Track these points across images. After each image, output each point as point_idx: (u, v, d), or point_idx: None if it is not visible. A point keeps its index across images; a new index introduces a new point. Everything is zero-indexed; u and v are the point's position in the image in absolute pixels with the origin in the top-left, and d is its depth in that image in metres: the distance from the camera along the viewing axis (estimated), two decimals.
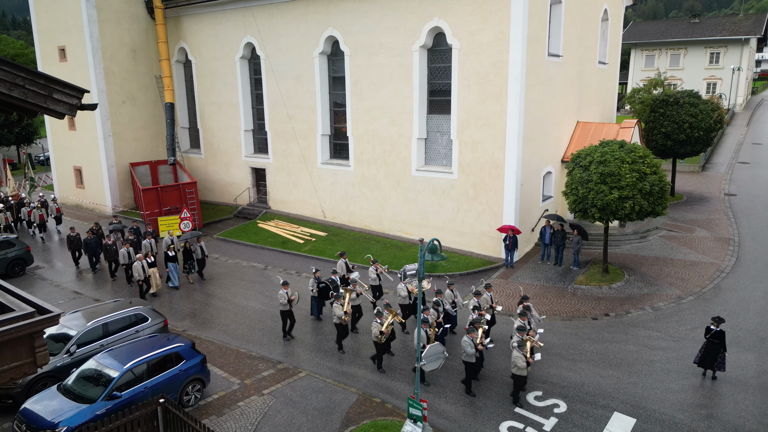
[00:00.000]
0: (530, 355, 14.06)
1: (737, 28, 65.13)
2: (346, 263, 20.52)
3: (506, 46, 22.82)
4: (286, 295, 17.53)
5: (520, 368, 13.96)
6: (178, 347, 14.11)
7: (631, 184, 19.91)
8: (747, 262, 23.52)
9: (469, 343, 14.33)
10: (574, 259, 23.35)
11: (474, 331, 14.68)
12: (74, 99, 7.96)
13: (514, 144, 23.36)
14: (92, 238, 24.29)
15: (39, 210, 29.37)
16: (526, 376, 14.20)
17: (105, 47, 31.99)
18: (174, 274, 22.41)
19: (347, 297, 17.03)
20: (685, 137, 30.73)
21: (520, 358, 13.89)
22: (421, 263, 11.31)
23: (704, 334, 15.50)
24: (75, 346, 14.67)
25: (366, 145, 27.84)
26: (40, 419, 11.88)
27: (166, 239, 23.39)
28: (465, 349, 14.36)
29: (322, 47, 28.20)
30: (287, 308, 17.67)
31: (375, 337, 15.59)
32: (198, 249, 23.11)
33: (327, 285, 18.93)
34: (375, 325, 15.52)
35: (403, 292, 18.12)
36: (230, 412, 14.13)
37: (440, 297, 17.12)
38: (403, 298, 18.15)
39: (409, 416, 11.59)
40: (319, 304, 19.33)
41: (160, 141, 34.94)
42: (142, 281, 21.14)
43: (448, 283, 18.05)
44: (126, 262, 22.44)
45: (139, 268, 20.99)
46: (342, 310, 16.62)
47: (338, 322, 16.78)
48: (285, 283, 17.85)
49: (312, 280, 19.06)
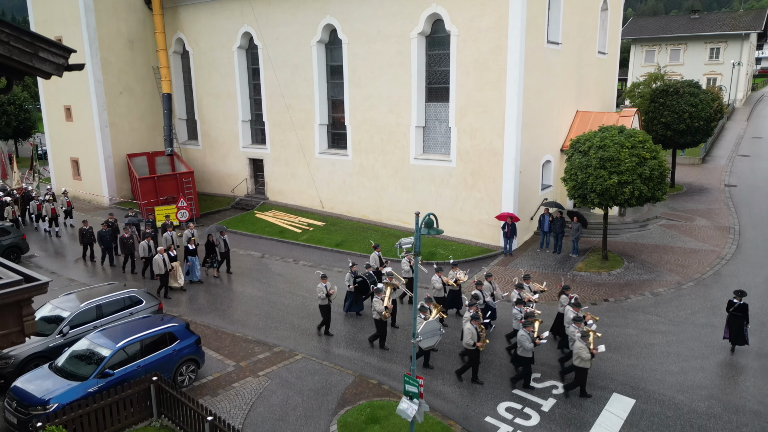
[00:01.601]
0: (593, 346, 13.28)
1: (737, 23, 64.96)
2: (379, 256, 19.62)
3: (505, 32, 22.65)
4: (324, 288, 16.53)
5: (584, 360, 13.19)
6: (172, 327, 13.95)
7: (631, 168, 19.74)
8: (748, 249, 23.35)
9: (527, 337, 13.57)
10: (573, 246, 23.18)
11: (530, 324, 13.87)
12: (61, 59, 7.79)
13: (513, 131, 23.19)
14: (107, 230, 23.14)
15: (51, 203, 28.11)
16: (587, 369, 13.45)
17: (102, 37, 31.82)
18: (195, 268, 21.46)
19: (387, 291, 16.16)
20: (685, 127, 30.56)
21: (584, 349, 13.12)
22: (417, 237, 11.12)
23: (726, 308, 15.60)
24: (68, 326, 14.50)
25: (364, 134, 27.67)
26: (31, 396, 11.72)
27: (186, 232, 22.38)
28: (522, 343, 13.60)
29: (320, 36, 28.03)
30: (326, 303, 16.68)
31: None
32: (222, 242, 22.14)
33: (365, 279, 17.65)
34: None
35: (437, 284, 17.41)
36: (225, 392, 13.97)
37: (480, 289, 16.25)
38: (438, 291, 17.39)
39: (405, 393, 11.40)
40: (357, 299, 18.22)
41: (158, 132, 34.77)
42: (161, 275, 19.94)
43: (486, 274, 17.29)
44: (146, 256, 21.40)
45: (160, 262, 19.75)
46: (382, 305, 15.62)
47: (378, 317, 15.76)
48: (323, 276, 16.82)
49: (348, 274, 18.05)
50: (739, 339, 15.39)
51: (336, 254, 24.71)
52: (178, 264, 20.87)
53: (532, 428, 12.70)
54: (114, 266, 23.46)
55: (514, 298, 16.04)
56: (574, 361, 13.46)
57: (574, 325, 14.05)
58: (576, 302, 15.08)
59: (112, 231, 23.49)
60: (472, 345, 13.92)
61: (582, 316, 14.32)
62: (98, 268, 23.43)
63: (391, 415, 12.82)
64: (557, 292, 16.86)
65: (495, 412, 13.30)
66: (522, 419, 13.01)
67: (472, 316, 14.15)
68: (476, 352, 14.13)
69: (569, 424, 12.81)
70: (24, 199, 30.67)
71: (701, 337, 16.53)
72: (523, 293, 16.09)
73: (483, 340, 14.02)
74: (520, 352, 13.87)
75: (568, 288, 16.13)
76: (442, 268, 18.10)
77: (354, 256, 24.31)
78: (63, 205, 29.12)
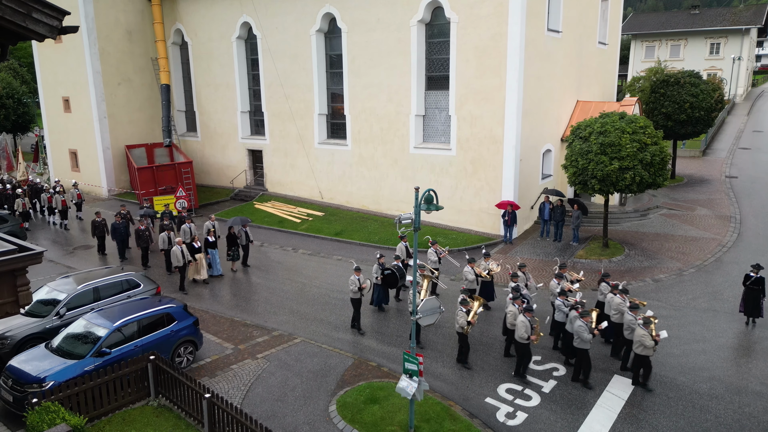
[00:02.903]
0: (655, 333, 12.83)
1: (737, 18, 64.80)
2: (406, 247, 18.88)
3: (505, 18, 22.54)
4: (357, 281, 15.89)
5: (647, 347, 12.72)
6: (170, 308, 13.84)
7: (632, 154, 19.62)
8: (749, 237, 23.25)
9: (586, 328, 12.91)
10: (574, 234, 23.08)
11: (588, 314, 13.25)
12: (55, 20, 7.69)
13: (513, 119, 23.07)
14: (121, 222, 22.30)
15: (62, 195, 27.43)
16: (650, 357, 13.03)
17: (100, 28, 31.69)
18: (215, 261, 20.71)
19: (425, 284, 15.71)
20: (685, 117, 30.43)
21: (647, 336, 12.69)
22: (416, 213, 11.01)
23: (743, 282, 15.94)
24: (65, 308, 14.38)
25: (363, 124, 27.55)
26: (27, 375, 11.60)
27: (207, 224, 21.52)
28: (581, 334, 12.94)
29: (319, 24, 27.90)
30: (358, 296, 16.05)
31: (460, 328, 13.93)
32: (243, 235, 21.39)
33: (393, 272, 16.83)
34: (460, 314, 13.89)
35: (470, 276, 16.76)
36: (223, 374, 13.86)
37: (516, 281, 15.37)
38: (471, 282, 16.77)
39: (405, 371, 11.30)
40: (384, 292, 17.62)
41: (156, 124, 34.65)
42: (179, 267, 19.19)
43: (520, 264, 16.35)
44: (166, 248, 20.57)
45: (178, 253, 19.02)
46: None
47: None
48: (357, 268, 16.11)
49: (376, 266, 17.26)
50: (755, 312, 15.69)
51: (335, 243, 24.61)
52: (201, 256, 20.00)
53: (533, 409, 12.59)
54: (127, 259, 22.55)
55: (556, 289, 15.25)
56: (636, 349, 12.91)
57: (631, 313, 13.55)
58: (623, 289, 14.65)
59: (126, 222, 22.78)
60: (526, 339, 13.21)
61: (638, 304, 13.82)
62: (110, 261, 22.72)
63: (391, 396, 12.72)
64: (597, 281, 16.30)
65: (495, 393, 13.19)
66: (522, 400, 12.90)
67: (525, 308, 13.48)
68: (528, 345, 13.42)
69: (570, 405, 12.71)
70: (32, 192, 29.86)
71: (702, 322, 16.43)
72: (563, 283, 15.40)
73: (537, 333, 13.37)
74: (578, 344, 13.12)
75: (608, 275, 15.66)
76: (474, 259, 17.45)
77: (353, 245, 24.28)
78: (73, 197, 28.40)
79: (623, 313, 14.08)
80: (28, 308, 14.39)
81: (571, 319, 13.79)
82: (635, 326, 13.21)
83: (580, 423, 12.07)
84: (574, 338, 13.28)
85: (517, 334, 13.40)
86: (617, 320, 14.30)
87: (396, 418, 12.00)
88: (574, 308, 13.73)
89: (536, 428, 11.92)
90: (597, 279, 16.34)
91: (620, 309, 14.29)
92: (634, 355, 13.21)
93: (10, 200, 28.46)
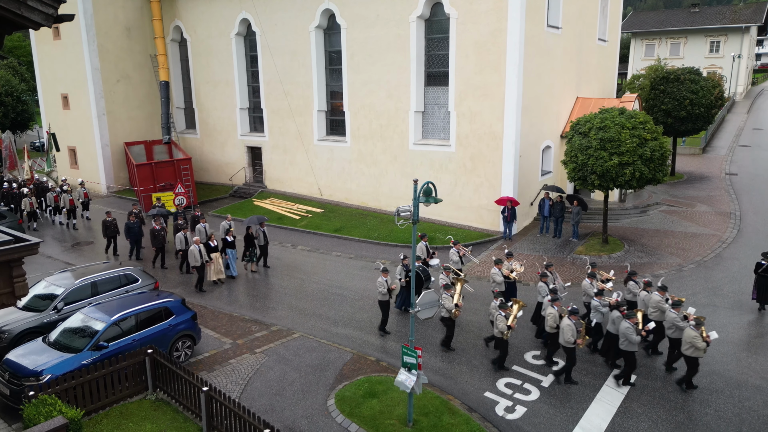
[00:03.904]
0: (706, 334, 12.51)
1: (737, 16, 64.74)
2: (426, 246, 18.38)
3: (504, 14, 22.48)
4: (385, 283, 15.22)
5: (698, 349, 12.40)
6: (168, 302, 13.79)
7: (632, 149, 19.56)
8: (749, 233, 23.20)
9: (633, 329, 12.49)
10: (574, 230, 23.02)
11: (634, 315, 12.80)
12: (50, 8, 7.61)
13: (512, 114, 23.01)
14: (135, 222, 21.60)
15: (69, 194, 26.62)
16: None
17: (99, 24, 31.61)
18: (232, 262, 20.07)
19: (458, 287, 14.83)
20: (685, 114, 30.39)
21: (698, 338, 12.35)
22: (415, 205, 10.96)
23: (754, 270, 16.50)
24: (62, 303, 14.32)
25: (363, 120, 27.49)
26: (24, 368, 11.54)
27: (223, 224, 20.81)
28: (628, 336, 12.47)
29: (318, 21, 27.84)
30: (386, 298, 15.40)
31: (500, 333, 13.40)
32: (261, 235, 20.70)
33: (418, 273, 16.17)
34: (500, 319, 13.30)
35: (498, 278, 16.01)
36: (221, 368, 13.81)
37: (545, 281, 15.04)
38: (499, 284, 15.98)
39: (404, 364, 11.24)
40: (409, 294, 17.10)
41: (155, 121, 34.58)
42: (197, 267, 18.63)
43: (546, 264, 15.94)
44: (182, 249, 20.05)
45: (196, 253, 18.43)
46: (452, 302, 14.28)
47: (447, 315, 14.37)
48: (384, 270, 15.48)
49: (400, 267, 16.73)
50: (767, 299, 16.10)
51: (334, 239, 24.57)
52: (218, 256, 19.31)
53: (532, 403, 12.54)
54: (141, 260, 21.85)
55: (590, 289, 14.82)
56: (686, 351, 12.54)
57: (674, 311, 13.20)
58: (662, 286, 14.27)
59: (140, 222, 22.10)
60: (572, 342, 12.73)
61: (680, 301, 13.48)
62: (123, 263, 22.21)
63: (390, 390, 12.68)
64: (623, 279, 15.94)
65: (494, 387, 13.15)
66: (522, 394, 12.86)
67: (570, 310, 12.94)
68: (574, 349, 12.93)
69: (569, 399, 12.66)
70: (38, 191, 28.94)
71: None
72: (596, 283, 14.97)
73: (583, 337, 12.98)
74: (625, 346, 12.64)
75: (635, 273, 15.40)
76: (501, 260, 16.52)
77: (353, 241, 24.23)
78: (80, 196, 27.52)
79: (663, 311, 13.76)
80: (26, 302, 14.39)
81: (613, 320, 13.36)
82: (679, 324, 12.95)
83: (579, 417, 12.02)
84: (620, 340, 12.80)
85: (563, 338, 12.89)
86: (657, 318, 13.88)
87: (395, 411, 11.96)
88: (617, 309, 13.30)
89: (535, 422, 11.88)
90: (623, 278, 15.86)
91: (660, 307, 13.93)
92: (684, 357, 12.79)
93: (17, 199, 27.68)
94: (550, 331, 13.63)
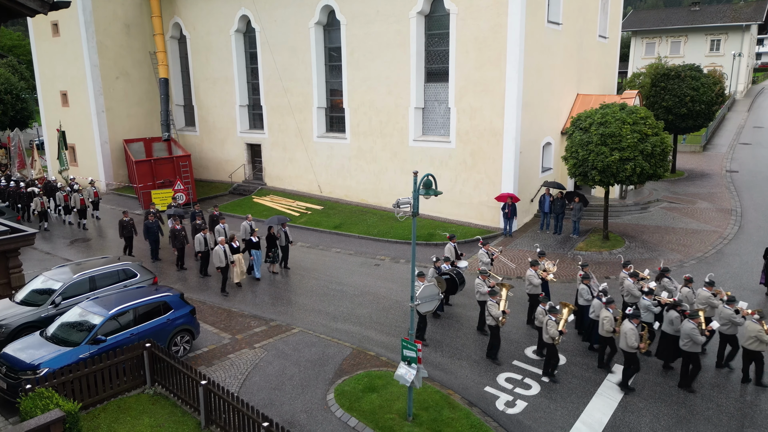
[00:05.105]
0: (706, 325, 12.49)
1: (738, 15, 64.63)
2: (455, 247, 17.80)
3: (505, 9, 22.39)
4: None
5: (762, 342, 12.30)
6: (166, 296, 13.71)
7: (632, 145, 19.48)
8: (750, 230, 23.13)
9: (698, 330, 12.22)
10: (574, 227, 22.94)
11: (697, 315, 12.45)
12: None
13: (513, 110, 22.92)
14: (154, 221, 21.11)
15: (80, 194, 26.17)
16: None
17: (98, 21, 31.53)
18: (257, 263, 19.51)
19: (504, 293, 14.13)
20: (686, 111, 30.30)
21: (762, 332, 12.29)
22: (414, 197, 10.88)
23: (763, 256, 17.15)
24: (60, 297, 14.21)
25: (362, 117, 27.40)
26: (21, 362, 11.46)
27: (244, 224, 20.33)
28: (694, 337, 12.19)
29: (318, 17, 27.75)
30: None
31: (550, 339, 12.83)
32: (282, 235, 20.10)
33: (453, 277, 15.62)
34: (551, 324, 12.75)
35: (535, 280, 15.33)
36: (220, 363, 13.73)
37: (587, 283, 14.53)
38: (536, 287, 15.35)
39: (403, 358, 11.16)
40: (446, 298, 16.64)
41: (155, 118, 34.50)
42: (222, 268, 18.08)
43: (582, 264, 15.38)
44: (202, 249, 19.39)
45: (221, 253, 17.87)
46: (498, 309, 13.57)
47: (493, 324, 13.65)
48: (420, 274, 14.68)
49: (431, 270, 16.19)
50: None
51: (334, 236, 24.49)
52: (240, 257, 18.73)
53: (533, 397, 12.46)
54: (161, 260, 21.43)
55: (636, 290, 14.49)
56: (750, 345, 12.45)
57: (729, 307, 12.96)
58: (710, 281, 14.13)
59: (158, 222, 21.61)
60: (636, 347, 12.30)
61: (734, 297, 13.34)
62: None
63: (389, 384, 12.60)
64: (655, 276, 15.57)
65: (495, 382, 13.07)
66: (522, 389, 12.78)
67: (632, 314, 12.48)
68: (636, 354, 12.50)
69: (570, 394, 12.58)
70: (47, 191, 28.32)
71: None
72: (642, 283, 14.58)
73: (645, 341, 12.52)
74: (689, 347, 12.34)
75: (668, 270, 15.09)
76: (536, 261, 15.83)
77: (352, 238, 24.16)
78: (90, 195, 26.99)
79: (714, 307, 13.58)
80: (24, 297, 14.28)
81: (672, 320, 13.05)
82: (736, 320, 12.81)
83: (580, 411, 11.94)
84: (681, 341, 12.51)
85: (625, 342, 12.38)
86: (707, 315, 13.54)
87: (394, 406, 11.88)
88: (674, 309, 13.02)
89: (536, 416, 11.80)
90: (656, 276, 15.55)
91: (710, 303, 13.73)
92: (743, 351, 12.68)
93: (24, 199, 27.27)
94: (606, 335, 13.13)
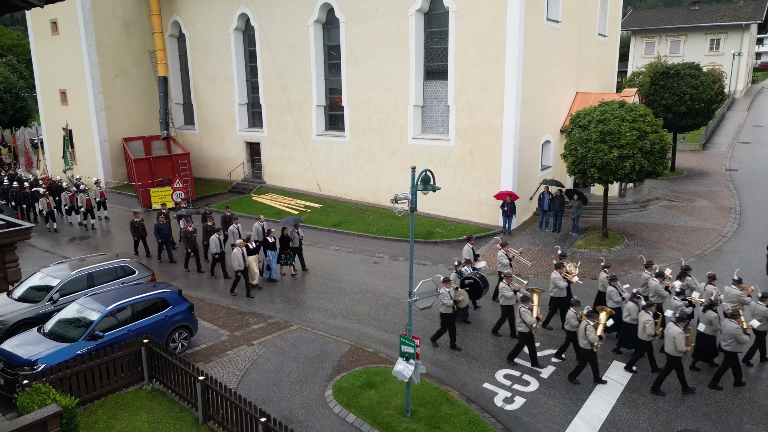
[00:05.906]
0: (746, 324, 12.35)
1: (737, 14, 64.62)
2: (472, 249, 17.32)
3: (504, 7, 22.36)
4: (449, 295, 13.85)
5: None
6: (164, 293, 13.69)
7: (632, 142, 19.45)
8: (749, 227, 23.10)
9: (741, 329, 12.16)
10: (573, 225, 22.92)
11: (738, 315, 12.37)
12: None
13: (512, 108, 22.90)
14: (165, 222, 20.86)
15: (86, 194, 25.80)
16: None
17: (97, 19, 31.49)
18: (273, 264, 19.08)
19: (535, 299, 13.59)
20: (685, 109, 30.26)
21: None
22: (413, 192, 10.86)
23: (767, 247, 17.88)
24: (58, 294, 14.22)
25: (361, 115, 27.38)
26: (18, 357, 11.44)
27: (257, 225, 20.00)
28: (737, 337, 12.08)
29: (317, 15, 27.73)
30: (449, 311, 13.94)
31: (589, 345, 12.42)
32: (296, 236, 19.56)
33: (476, 281, 15.27)
34: (590, 329, 12.34)
35: (561, 283, 14.87)
36: (218, 359, 13.72)
37: (615, 285, 14.23)
38: (561, 290, 14.93)
39: (401, 354, 11.14)
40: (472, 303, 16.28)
41: (154, 117, 34.47)
42: (242, 271, 17.58)
43: (604, 265, 15.12)
44: (217, 251, 18.92)
45: (239, 256, 17.36)
46: (532, 316, 13.10)
47: (526, 331, 13.14)
48: (446, 280, 14.22)
49: (453, 274, 15.62)
50: None
51: (333, 234, 24.47)
52: (255, 259, 18.23)
53: (531, 394, 12.44)
54: (175, 262, 21.15)
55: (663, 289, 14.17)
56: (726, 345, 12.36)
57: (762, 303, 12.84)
58: (738, 278, 14.01)
59: (169, 223, 21.28)
60: (684, 352, 11.95)
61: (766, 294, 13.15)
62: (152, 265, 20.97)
63: (388, 381, 12.58)
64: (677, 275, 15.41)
65: (493, 379, 13.05)
66: (521, 385, 12.76)
67: (678, 317, 12.24)
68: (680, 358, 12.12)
69: (569, 390, 12.56)
70: (52, 190, 27.77)
71: None
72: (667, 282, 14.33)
73: (690, 344, 12.18)
74: (732, 347, 12.23)
75: (689, 268, 14.96)
76: (562, 264, 15.34)
77: (351, 236, 24.14)
78: (96, 195, 26.63)
79: (745, 305, 13.50)
80: (22, 294, 14.29)
81: (710, 320, 12.82)
82: None
83: (578, 407, 11.92)
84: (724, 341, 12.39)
85: (672, 347, 12.00)
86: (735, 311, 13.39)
87: (393, 402, 11.86)
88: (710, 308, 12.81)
89: (534, 413, 11.78)
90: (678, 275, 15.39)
91: (742, 300, 13.66)
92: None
93: (29, 199, 26.96)
94: (648, 339, 12.80)
